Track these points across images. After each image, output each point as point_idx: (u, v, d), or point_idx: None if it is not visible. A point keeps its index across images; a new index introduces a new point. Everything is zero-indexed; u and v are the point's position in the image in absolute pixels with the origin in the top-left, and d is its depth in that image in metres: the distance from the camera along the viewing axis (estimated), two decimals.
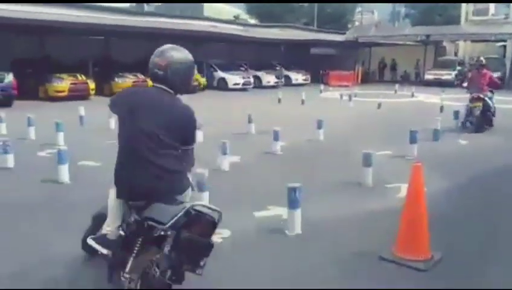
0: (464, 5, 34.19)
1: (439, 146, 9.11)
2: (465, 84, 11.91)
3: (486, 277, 3.62)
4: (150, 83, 3.07)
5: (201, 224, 2.67)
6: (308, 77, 29.60)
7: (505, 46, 30.15)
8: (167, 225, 2.61)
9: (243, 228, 4.49)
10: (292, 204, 4.36)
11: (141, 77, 19.75)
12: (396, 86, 24.37)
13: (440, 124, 9.91)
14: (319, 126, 9.67)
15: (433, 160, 7.43)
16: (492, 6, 34.85)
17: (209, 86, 23.85)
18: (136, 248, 2.75)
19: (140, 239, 2.76)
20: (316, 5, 40.27)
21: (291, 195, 4.34)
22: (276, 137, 8.29)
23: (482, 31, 30.05)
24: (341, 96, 19.58)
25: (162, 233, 2.68)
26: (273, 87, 25.94)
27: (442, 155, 8.22)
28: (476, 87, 11.06)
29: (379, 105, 15.89)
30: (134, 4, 35.22)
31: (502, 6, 35.07)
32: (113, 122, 10.60)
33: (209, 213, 2.70)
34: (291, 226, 4.40)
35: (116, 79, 19.41)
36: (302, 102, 17.47)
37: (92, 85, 18.22)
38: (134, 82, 19.45)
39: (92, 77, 18.87)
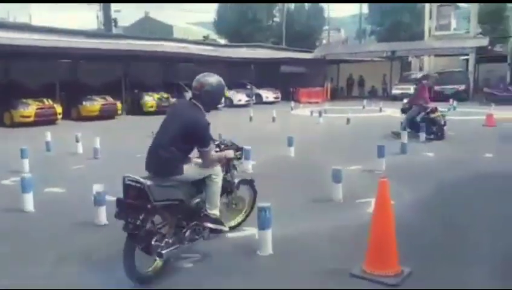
0: (427, 20, 35.31)
1: (407, 159, 9.27)
2: (406, 101, 12.77)
3: (457, 286, 3.66)
4: (119, 105, 3.42)
5: (131, 190, 3.62)
6: (279, 94, 29.89)
7: (467, 60, 31.11)
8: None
9: (215, 250, 4.43)
10: (263, 224, 4.30)
11: (110, 99, 19.48)
12: (365, 101, 24.91)
13: (407, 137, 10.12)
14: (290, 143, 9.73)
15: (401, 173, 7.56)
16: (454, 21, 36.18)
17: None
18: None
19: None
20: (284, 24, 40.94)
21: (261, 215, 4.29)
22: (247, 156, 8.27)
23: (444, 46, 31.07)
24: (311, 112, 19.79)
25: None
26: (244, 105, 26.03)
27: (410, 168, 8.35)
28: (423, 99, 11.97)
29: (348, 120, 16.11)
30: (102, 27, 34.93)
31: (463, 21, 36.48)
32: (81, 147, 10.38)
33: (136, 181, 3.60)
34: (263, 246, 4.34)
35: (84, 102, 19.04)
36: (273, 119, 17.57)
37: (59, 109, 17.82)
38: (103, 104, 19.16)
39: (59, 101, 18.48)
